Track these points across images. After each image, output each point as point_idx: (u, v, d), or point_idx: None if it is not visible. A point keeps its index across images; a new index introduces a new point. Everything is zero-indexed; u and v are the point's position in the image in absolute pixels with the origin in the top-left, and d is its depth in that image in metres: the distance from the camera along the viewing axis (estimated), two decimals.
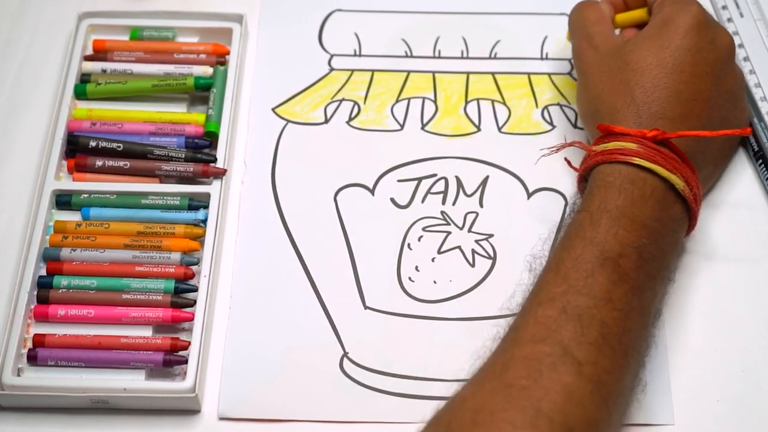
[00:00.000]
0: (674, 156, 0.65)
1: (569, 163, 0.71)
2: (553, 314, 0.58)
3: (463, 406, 0.56)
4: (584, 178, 0.67)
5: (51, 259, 0.69)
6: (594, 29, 0.73)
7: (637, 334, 0.60)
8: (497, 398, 0.55)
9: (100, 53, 0.78)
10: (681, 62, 0.68)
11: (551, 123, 0.77)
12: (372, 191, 0.74)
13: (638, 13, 0.75)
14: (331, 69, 0.80)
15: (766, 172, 0.73)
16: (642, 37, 0.70)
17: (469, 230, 0.72)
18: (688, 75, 0.68)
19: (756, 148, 0.74)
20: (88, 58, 0.78)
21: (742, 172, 0.75)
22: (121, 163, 0.73)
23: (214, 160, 0.73)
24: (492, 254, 0.71)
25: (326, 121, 0.77)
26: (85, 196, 0.72)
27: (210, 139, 0.74)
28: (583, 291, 0.59)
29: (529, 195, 0.74)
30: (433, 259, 0.71)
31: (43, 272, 0.69)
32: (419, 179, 0.74)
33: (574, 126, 0.77)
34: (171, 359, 0.65)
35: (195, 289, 0.68)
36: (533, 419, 0.54)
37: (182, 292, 0.68)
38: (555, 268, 0.61)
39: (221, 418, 0.65)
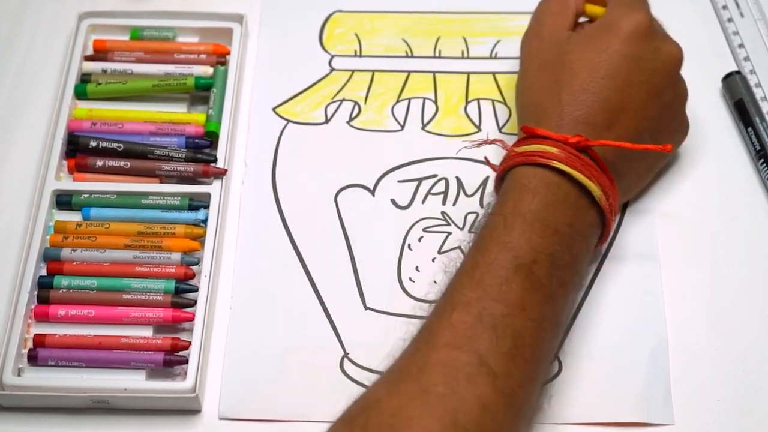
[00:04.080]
0: (593, 164, 0.64)
1: (488, 162, 0.71)
2: (469, 321, 0.58)
3: (380, 408, 0.55)
4: (502, 178, 0.66)
5: (51, 259, 0.69)
6: (549, 19, 0.72)
7: (548, 345, 0.60)
8: (414, 403, 0.55)
9: (100, 53, 0.78)
10: (615, 68, 0.66)
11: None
12: (372, 192, 0.74)
13: (599, 10, 0.73)
14: (332, 69, 0.80)
15: (766, 171, 0.73)
16: (583, 36, 0.69)
17: (470, 231, 0.72)
18: (620, 82, 0.66)
19: (757, 148, 0.74)
20: (88, 58, 0.78)
21: (742, 172, 0.75)
22: (121, 163, 0.73)
23: (215, 160, 0.73)
24: None
25: (327, 121, 0.77)
26: (86, 196, 0.72)
27: (210, 139, 0.74)
28: (498, 298, 0.58)
29: None
30: (433, 260, 0.71)
31: (44, 272, 0.69)
32: (420, 180, 0.74)
33: None
34: (171, 359, 0.65)
35: (195, 289, 0.68)
36: (450, 430, 0.54)
37: (182, 292, 0.68)
38: (470, 270, 0.61)
39: (221, 418, 0.65)
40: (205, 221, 0.71)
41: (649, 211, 0.73)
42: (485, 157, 0.71)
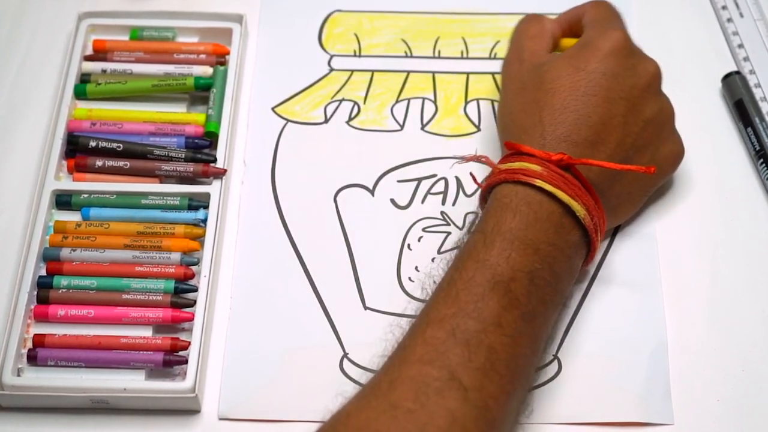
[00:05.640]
0: (577, 183, 0.64)
1: (474, 178, 0.71)
2: (442, 336, 0.58)
3: (348, 423, 0.55)
4: (486, 196, 0.67)
5: (51, 259, 0.69)
6: (527, 43, 0.72)
7: (526, 361, 0.60)
8: (382, 418, 0.55)
9: (100, 53, 0.78)
10: (594, 86, 0.67)
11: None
12: (372, 192, 0.74)
13: (574, 41, 0.72)
14: (331, 69, 0.80)
15: (766, 171, 0.73)
16: (561, 57, 0.69)
17: (470, 231, 0.72)
18: (600, 99, 0.66)
19: (757, 148, 0.74)
20: (88, 58, 0.78)
21: (742, 173, 0.75)
22: (121, 163, 0.73)
23: (214, 160, 0.73)
24: None
25: (326, 120, 0.77)
26: (85, 196, 0.72)
27: (210, 139, 0.74)
28: (473, 315, 0.58)
29: None
30: (433, 260, 0.71)
31: (43, 272, 0.69)
32: (419, 180, 0.74)
33: None
34: (171, 359, 0.65)
35: (195, 289, 0.68)
36: None
37: (182, 292, 0.68)
38: (446, 288, 0.61)
39: (221, 419, 0.65)
40: (204, 221, 0.71)
41: (648, 211, 0.73)
42: (471, 173, 0.72)
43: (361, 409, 0.56)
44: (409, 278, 0.70)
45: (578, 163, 0.64)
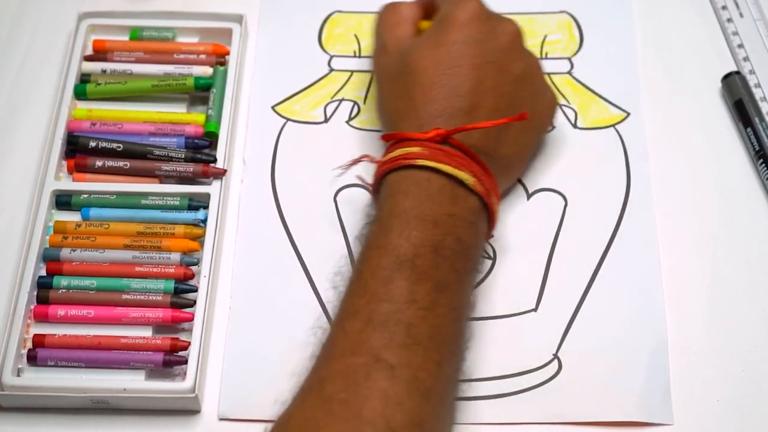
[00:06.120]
0: (459, 153, 0.64)
1: (362, 180, 0.71)
2: (360, 326, 0.58)
3: (289, 425, 0.56)
4: (378, 191, 0.67)
5: (51, 259, 0.69)
6: (388, 33, 0.72)
7: (448, 329, 0.60)
8: (319, 414, 0.55)
9: (100, 53, 0.78)
10: (458, 56, 0.67)
11: (551, 123, 0.77)
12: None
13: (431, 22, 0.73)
14: (331, 70, 0.80)
15: (766, 171, 0.73)
16: (421, 37, 0.69)
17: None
18: (466, 68, 0.67)
19: (756, 148, 0.74)
20: (88, 58, 0.78)
21: (741, 172, 0.75)
22: (121, 163, 0.73)
23: (214, 161, 0.73)
24: (492, 254, 0.71)
25: (326, 120, 0.77)
26: (85, 196, 0.72)
27: (210, 139, 0.74)
28: (385, 298, 0.59)
29: (529, 195, 0.74)
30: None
31: (43, 272, 0.69)
32: None
33: (574, 126, 0.77)
34: (171, 359, 0.65)
35: (195, 290, 0.68)
36: (357, 428, 0.54)
37: (182, 292, 0.68)
38: (355, 280, 0.61)
39: (221, 419, 0.65)
40: (204, 221, 0.71)
41: (648, 211, 0.73)
42: (357, 176, 0.72)
43: (298, 411, 0.57)
44: None
45: (453, 133, 0.65)
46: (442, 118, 0.66)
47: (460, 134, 0.65)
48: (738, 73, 0.78)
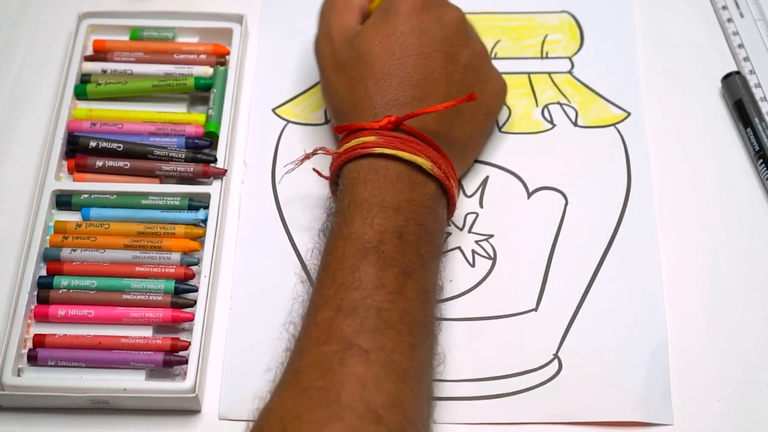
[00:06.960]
0: (414, 139, 0.65)
1: (318, 173, 0.71)
2: (330, 315, 0.59)
3: (269, 417, 0.57)
4: (336, 182, 0.68)
5: (51, 259, 0.69)
6: (335, 18, 0.73)
7: (419, 311, 0.61)
8: (299, 403, 0.56)
9: (100, 53, 0.78)
10: (406, 47, 0.68)
11: (551, 122, 0.77)
12: None
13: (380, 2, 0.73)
14: None
15: (766, 171, 0.73)
16: (368, 26, 0.70)
17: (469, 231, 0.72)
18: (416, 58, 0.68)
19: (756, 148, 0.74)
20: (88, 59, 0.78)
21: (741, 173, 0.75)
22: (121, 163, 0.73)
23: (214, 161, 0.73)
24: (492, 254, 0.71)
25: (326, 121, 0.77)
26: (85, 196, 0.72)
27: (210, 139, 0.74)
28: (353, 286, 0.60)
29: (529, 195, 0.74)
30: None
31: (43, 272, 0.69)
32: None
33: (575, 124, 0.77)
34: (171, 359, 0.65)
35: (195, 290, 0.68)
36: (336, 413, 0.55)
37: (182, 292, 0.68)
38: (323, 272, 0.62)
39: (221, 419, 0.65)
40: (204, 221, 0.71)
41: (649, 211, 0.73)
42: (314, 169, 0.71)
43: (277, 402, 0.57)
44: None
45: (405, 119, 0.65)
46: (396, 107, 0.67)
47: (414, 121, 0.66)
48: (738, 73, 0.78)
